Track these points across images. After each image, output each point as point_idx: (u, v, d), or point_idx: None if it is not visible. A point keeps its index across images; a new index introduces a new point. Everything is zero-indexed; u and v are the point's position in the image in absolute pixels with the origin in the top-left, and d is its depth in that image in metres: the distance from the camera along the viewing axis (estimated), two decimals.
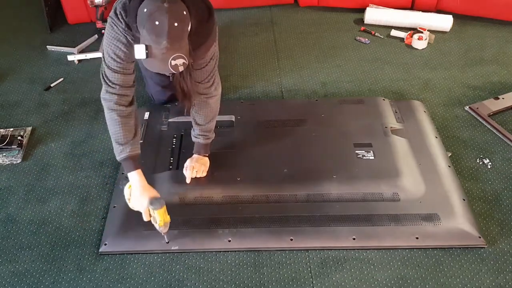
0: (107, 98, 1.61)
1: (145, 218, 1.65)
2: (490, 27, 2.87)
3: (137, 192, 1.64)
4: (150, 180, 1.87)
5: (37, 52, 2.77)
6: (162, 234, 1.67)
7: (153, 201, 1.61)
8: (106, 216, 1.81)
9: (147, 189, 1.64)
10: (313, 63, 2.64)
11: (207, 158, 1.92)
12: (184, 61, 1.44)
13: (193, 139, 1.89)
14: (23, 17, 3.08)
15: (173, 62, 1.42)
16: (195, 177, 1.87)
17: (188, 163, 1.88)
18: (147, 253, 1.70)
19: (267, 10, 3.11)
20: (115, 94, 1.60)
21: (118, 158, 1.64)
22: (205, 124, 1.84)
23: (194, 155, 1.90)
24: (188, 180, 1.86)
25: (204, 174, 1.88)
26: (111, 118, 1.62)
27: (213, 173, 1.89)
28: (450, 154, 2.03)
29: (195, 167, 1.87)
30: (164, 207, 1.61)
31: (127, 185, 1.68)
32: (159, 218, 1.61)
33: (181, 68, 1.46)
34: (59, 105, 2.39)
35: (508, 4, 2.80)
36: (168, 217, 1.64)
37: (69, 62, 2.67)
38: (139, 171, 1.64)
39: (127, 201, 1.70)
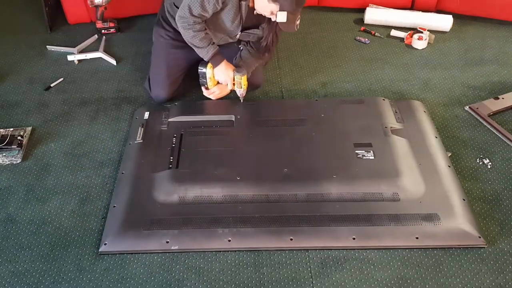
0: (182, 20, 2.02)
1: (230, 86, 2.19)
2: (490, 27, 2.87)
3: (222, 67, 2.14)
4: (150, 179, 1.89)
5: (37, 52, 2.77)
6: (241, 98, 2.21)
7: (238, 70, 2.14)
8: (106, 216, 1.81)
9: (230, 65, 2.16)
10: (313, 63, 2.64)
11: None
12: (299, 22, 1.99)
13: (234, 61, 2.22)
14: (23, 17, 3.08)
15: (297, 22, 1.98)
16: (194, 176, 1.87)
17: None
18: (147, 253, 1.70)
19: None
20: (192, 17, 1.99)
21: (207, 56, 2.09)
22: (252, 67, 2.24)
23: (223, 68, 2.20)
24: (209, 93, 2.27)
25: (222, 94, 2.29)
26: (188, 34, 2.05)
27: (213, 172, 1.89)
28: (450, 154, 2.03)
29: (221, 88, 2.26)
30: (246, 74, 2.15)
31: (208, 66, 2.14)
32: (244, 82, 2.15)
33: (298, 27, 1.99)
34: (59, 105, 2.39)
35: (508, 4, 2.80)
36: (247, 83, 2.17)
37: (69, 62, 2.67)
38: (224, 59, 2.14)
39: (208, 80, 2.18)
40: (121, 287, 1.61)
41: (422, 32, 2.74)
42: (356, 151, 1.96)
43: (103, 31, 2.88)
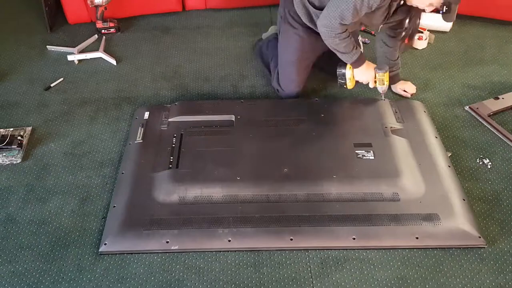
0: (328, 29, 1.98)
1: (372, 84, 2.19)
2: (490, 27, 2.87)
3: (363, 67, 2.13)
4: (150, 179, 1.89)
5: (37, 52, 2.77)
6: (382, 94, 2.20)
7: (380, 67, 2.14)
8: (106, 216, 1.81)
9: (370, 63, 2.15)
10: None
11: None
12: None
13: (392, 74, 2.27)
14: (23, 17, 3.08)
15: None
16: (194, 176, 1.87)
17: (401, 89, 2.38)
18: (147, 253, 1.70)
19: (266, 10, 3.11)
20: (336, 28, 1.96)
21: (351, 60, 2.09)
22: (396, 59, 2.30)
23: (397, 84, 2.37)
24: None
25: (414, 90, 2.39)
26: (334, 41, 2.02)
27: (213, 172, 1.89)
28: (450, 154, 2.03)
29: (409, 88, 2.38)
30: (388, 71, 2.15)
31: (347, 67, 2.14)
32: (387, 79, 2.15)
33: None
34: (59, 105, 2.39)
35: (508, 4, 2.80)
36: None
37: (69, 62, 2.67)
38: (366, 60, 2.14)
39: (347, 80, 2.17)
40: (121, 287, 1.61)
41: (422, 32, 2.74)
42: (356, 151, 1.96)
43: (103, 31, 2.88)
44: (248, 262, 1.68)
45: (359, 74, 2.15)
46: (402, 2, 1.99)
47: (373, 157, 1.93)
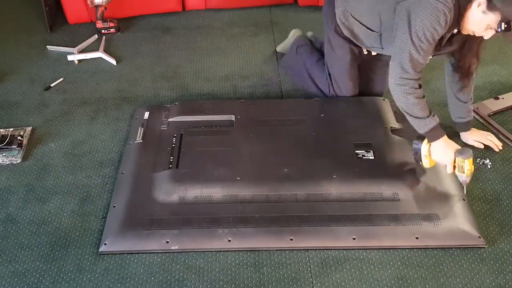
0: (403, 84, 1.73)
1: (450, 169, 1.77)
2: None
3: (441, 144, 1.77)
4: (150, 179, 1.89)
5: (37, 52, 2.77)
6: (464, 185, 1.79)
7: (462, 151, 1.74)
8: (106, 216, 1.81)
9: (451, 143, 1.78)
10: None
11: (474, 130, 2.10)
12: None
13: (459, 120, 2.05)
14: (23, 17, 3.08)
15: None
16: (194, 176, 1.87)
17: (474, 140, 2.07)
18: (147, 253, 1.70)
19: (266, 10, 3.11)
20: (412, 79, 1.73)
21: (424, 130, 1.77)
22: (470, 100, 2.01)
23: (465, 134, 2.08)
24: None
25: (495, 138, 2.08)
26: (407, 101, 1.75)
27: (213, 172, 1.89)
28: None
29: (482, 139, 2.07)
30: (472, 157, 1.73)
31: (425, 142, 1.79)
32: (468, 167, 1.72)
33: None
34: (59, 105, 2.39)
35: None
36: (473, 167, 1.74)
37: (69, 62, 2.67)
38: (445, 134, 1.79)
39: (423, 157, 1.81)
40: (121, 287, 1.61)
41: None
42: (356, 151, 1.96)
43: (103, 31, 2.88)
44: (248, 262, 1.68)
45: (436, 152, 1.79)
46: (456, 31, 1.76)
47: (373, 157, 1.93)
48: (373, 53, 2.16)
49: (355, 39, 2.09)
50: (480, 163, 2.02)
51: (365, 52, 2.17)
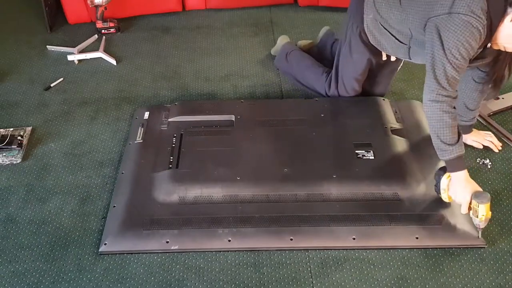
0: (440, 100, 1.63)
1: (464, 210, 1.68)
2: None
3: (461, 183, 1.67)
4: (150, 179, 1.89)
5: (37, 52, 2.77)
6: (478, 228, 1.68)
7: (479, 195, 1.64)
8: (106, 216, 1.81)
9: (471, 182, 1.69)
10: None
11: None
12: None
13: (463, 123, 1.98)
14: (23, 17, 3.08)
15: None
16: (194, 176, 1.87)
17: (473, 140, 2.06)
18: (147, 253, 1.70)
19: (266, 10, 3.11)
20: (449, 96, 1.64)
21: (447, 157, 1.67)
22: (477, 108, 1.97)
23: (469, 135, 2.05)
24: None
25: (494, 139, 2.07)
26: (442, 121, 1.64)
27: (213, 172, 1.89)
28: None
29: (481, 139, 2.06)
30: (489, 203, 1.63)
31: (445, 175, 1.71)
32: (483, 213, 1.62)
33: None
34: (59, 105, 2.39)
35: None
36: (490, 213, 1.65)
37: (69, 62, 2.67)
38: (466, 169, 1.69)
39: (441, 191, 1.74)
40: (121, 287, 1.61)
41: None
42: (356, 151, 1.96)
43: (103, 31, 2.88)
44: (248, 262, 1.68)
45: (453, 189, 1.70)
46: (489, 45, 1.68)
47: (373, 157, 1.93)
48: (392, 59, 2.12)
49: (380, 48, 2.04)
50: (480, 163, 2.02)
51: (384, 58, 2.12)
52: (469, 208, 1.67)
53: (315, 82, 2.31)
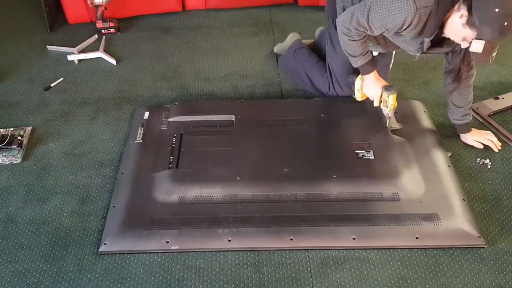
0: (347, 33, 1.88)
1: (376, 103, 2.01)
2: None
3: (371, 79, 1.99)
4: (150, 179, 1.89)
5: (37, 52, 2.77)
6: (387, 118, 2.03)
7: (387, 88, 1.97)
8: (106, 216, 1.81)
9: (380, 79, 2.00)
10: None
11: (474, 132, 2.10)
12: (496, 52, 1.66)
13: (456, 122, 2.07)
14: (23, 17, 3.08)
15: (493, 55, 1.68)
16: (194, 176, 1.87)
17: (474, 140, 2.07)
18: (147, 253, 1.70)
19: (266, 10, 3.11)
20: (352, 29, 1.85)
21: (357, 64, 1.96)
22: (466, 105, 2.03)
23: (465, 134, 2.08)
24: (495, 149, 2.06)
25: (494, 138, 2.08)
26: (347, 43, 1.91)
27: (213, 172, 1.89)
28: (450, 154, 2.03)
29: (482, 138, 2.07)
30: (396, 94, 1.95)
31: (358, 77, 2.04)
32: (391, 102, 1.96)
33: (492, 59, 1.69)
34: (59, 105, 2.39)
35: None
36: (396, 103, 1.98)
37: (69, 62, 2.67)
38: (375, 70, 1.99)
39: (356, 91, 2.08)
40: (121, 287, 1.61)
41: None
42: (356, 151, 1.96)
43: (103, 31, 2.88)
44: (248, 262, 1.68)
45: (366, 87, 2.03)
46: (443, 34, 1.78)
47: (373, 157, 1.93)
48: (374, 53, 2.16)
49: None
50: (480, 163, 2.02)
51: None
52: (380, 102, 2.00)
53: (319, 80, 2.32)
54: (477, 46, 1.63)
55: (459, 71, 1.93)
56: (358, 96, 2.09)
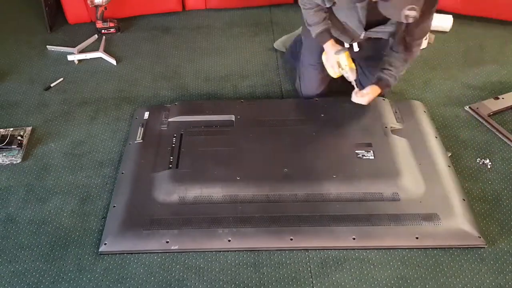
0: (302, 3, 1.97)
1: (331, 72, 2.04)
2: (490, 27, 2.87)
3: (328, 49, 1.99)
4: (150, 179, 1.89)
5: (37, 52, 2.77)
6: (352, 81, 1.98)
7: (337, 51, 1.96)
8: (106, 216, 1.81)
9: (335, 46, 1.98)
10: None
11: (378, 91, 2.04)
12: (416, 14, 1.57)
13: (384, 75, 2.00)
14: (23, 17, 3.08)
15: (407, 12, 1.57)
16: (194, 176, 1.87)
17: (369, 89, 2.03)
18: (147, 253, 1.70)
19: (266, 10, 3.11)
20: (305, 5, 1.95)
21: (314, 33, 1.99)
22: (401, 69, 2.00)
23: (374, 87, 2.01)
24: (357, 98, 2.04)
25: (366, 102, 2.04)
26: (304, 12, 1.98)
27: (213, 172, 1.89)
28: (450, 154, 2.03)
29: (369, 95, 2.02)
30: (347, 52, 1.94)
31: (323, 54, 2.05)
32: (345, 62, 1.94)
33: (410, 20, 1.59)
34: (59, 105, 2.39)
35: (508, 4, 2.80)
36: (353, 64, 1.96)
37: (69, 62, 2.67)
38: (331, 39, 2.00)
39: (326, 67, 2.08)
40: (121, 287, 1.61)
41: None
42: (356, 151, 1.96)
43: (103, 31, 2.88)
44: (248, 262, 1.68)
45: (325, 58, 2.04)
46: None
47: (373, 157, 1.93)
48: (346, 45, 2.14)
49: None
50: (480, 163, 2.02)
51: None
52: (339, 67, 1.98)
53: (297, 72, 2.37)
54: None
55: (404, 38, 1.91)
56: (331, 72, 2.08)
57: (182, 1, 3.07)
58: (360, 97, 2.03)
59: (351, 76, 1.98)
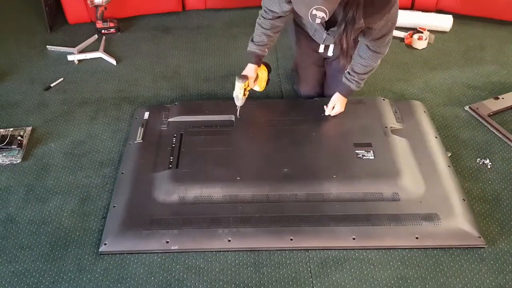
0: (260, 16, 2.01)
1: (235, 92, 2.03)
2: (490, 27, 2.87)
3: (247, 71, 2.03)
4: (150, 179, 1.89)
5: (37, 52, 2.77)
6: (237, 106, 2.08)
7: (238, 76, 2.01)
8: (106, 216, 1.81)
9: (250, 69, 2.03)
10: None
11: (345, 101, 2.11)
12: (324, 16, 1.54)
13: (344, 80, 2.03)
14: (23, 17, 3.08)
15: (314, 12, 1.54)
16: (194, 176, 1.87)
17: (333, 99, 2.10)
18: (147, 253, 1.70)
19: None
20: (263, 8, 1.97)
21: (248, 48, 2.01)
22: (362, 73, 1.99)
23: (337, 95, 2.08)
24: (328, 113, 2.11)
25: (337, 112, 2.10)
26: (257, 23, 2.01)
27: (213, 172, 1.89)
28: (450, 154, 2.03)
29: (337, 106, 2.09)
30: (247, 82, 2.00)
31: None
32: (236, 89, 2.02)
33: (317, 21, 1.56)
34: (59, 105, 2.39)
35: (508, 4, 2.80)
36: (245, 94, 2.04)
37: (69, 62, 2.67)
38: (255, 65, 2.03)
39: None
40: (121, 287, 1.61)
41: (422, 32, 2.75)
42: (356, 151, 1.96)
43: (103, 31, 2.88)
44: (248, 262, 1.68)
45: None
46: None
47: (373, 157, 1.93)
48: (321, 48, 2.16)
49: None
50: (480, 163, 2.02)
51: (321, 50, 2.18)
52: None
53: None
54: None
55: (347, 43, 1.84)
56: (257, 88, 2.14)
57: (182, 1, 3.07)
58: (332, 110, 2.11)
59: (236, 102, 2.06)
